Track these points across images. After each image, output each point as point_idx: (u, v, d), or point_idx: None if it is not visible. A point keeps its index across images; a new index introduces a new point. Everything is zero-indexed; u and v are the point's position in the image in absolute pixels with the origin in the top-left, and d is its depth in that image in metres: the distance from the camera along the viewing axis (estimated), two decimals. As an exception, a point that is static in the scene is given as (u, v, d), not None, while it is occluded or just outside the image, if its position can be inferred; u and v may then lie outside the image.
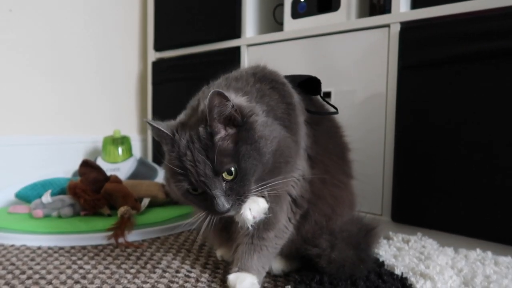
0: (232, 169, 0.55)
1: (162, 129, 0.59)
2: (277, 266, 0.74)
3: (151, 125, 0.60)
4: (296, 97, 0.69)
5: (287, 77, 0.73)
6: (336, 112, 0.78)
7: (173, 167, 0.58)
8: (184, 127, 0.59)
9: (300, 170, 0.68)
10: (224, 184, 0.56)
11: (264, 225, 0.67)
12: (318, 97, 0.81)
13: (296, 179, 0.68)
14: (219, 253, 0.81)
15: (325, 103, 0.82)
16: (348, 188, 0.78)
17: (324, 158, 0.73)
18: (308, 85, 0.77)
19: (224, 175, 0.56)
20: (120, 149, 1.53)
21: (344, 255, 0.69)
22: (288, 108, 0.65)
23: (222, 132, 0.57)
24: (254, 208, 0.60)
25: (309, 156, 0.70)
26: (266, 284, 0.71)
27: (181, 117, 0.64)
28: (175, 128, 0.60)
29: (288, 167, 0.62)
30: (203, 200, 0.58)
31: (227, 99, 0.55)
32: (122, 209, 1.00)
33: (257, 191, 0.59)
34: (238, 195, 0.57)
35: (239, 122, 0.57)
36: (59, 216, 1.05)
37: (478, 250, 0.87)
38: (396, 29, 1.02)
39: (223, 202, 0.55)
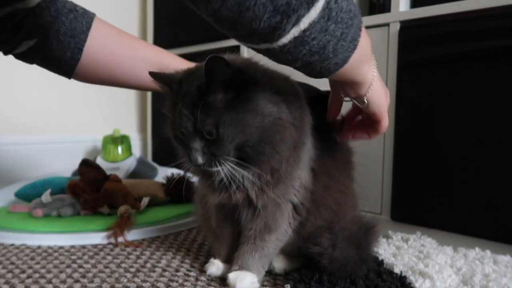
0: (212, 131, 0.58)
1: (162, 83, 0.65)
2: (279, 265, 0.74)
3: (155, 76, 0.65)
4: (307, 111, 0.68)
5: (300, 84, 0.71)
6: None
7: (166, 111, 0.63)
8: (188, 78, 0.61)
9: (302, 180, 0.68)
10: (202, 142, 0.59)
11: (266, 228, 0.68)
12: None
13: (298, 187, 0.68)
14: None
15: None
16: (352, 191, 0.78)
17: (331, 166, 0.73)
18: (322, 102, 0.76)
19: (205, 133, 0.58)
20: (119, 148, 1.53)
21: (346, 255, 0.69)
22: (300, 108, 0.65)
23: (213, 95, 0.58)
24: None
25: (313, 168, 0.70)
26: (265, 283, 0.71)
27: (192, 66, 0.67)
28: (179, 77, 0.63)
29: (274, 156, 0.60)
30: (185, 148, 0.62)
31: (227, 64, 0.56)
32: (121, 208, 1.00)
33: (232, 160, 0.60)
34: (214, 155, 0.59)
35: (236, 87, 0.58)
36: (59, 216, 1.05)
37: (477, 249, 0.87)
38: (395, 28, 1.02)
39: (197, 156, 0.59)
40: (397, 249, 0.89)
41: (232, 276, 0.66)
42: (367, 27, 1.08)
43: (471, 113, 0.90)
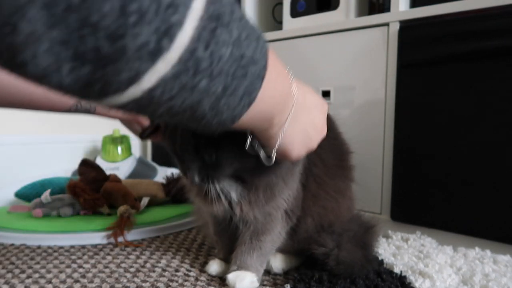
0: (212, 156, 0.56)
1: None
2: (278, 264, 0.74)
3: None
4: None
5: None
6: None
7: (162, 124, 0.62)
8: None
9: (293, 191, 0.68)
10: (200, 163, 0.57)
11: (262, 229, 0.68)
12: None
13: (288, 197, 0.68)
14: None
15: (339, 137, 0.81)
16: (347, 194, 0.78)
17: (322, 174, 0.73)
18: None
19: (205, 157, 0.57)
20: (119, 148, 1.53)
21: (353, 256, 0.70)
22: None
23: None
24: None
25: (302, 182, 0.71)
26: (265, 282, 0.71)
27: None
28: None
29: (271, 176, 0.61)
30: (181, 162, 0.60)
31: None
32: (121, 208, 1.00)
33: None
34: (209, 175, 0.58)
35: None
36: (59, 216, 1.05)
37: (477, 248, 0.87)
38: (395, 27, 1.02)
39: (194, 176, 0.58)
40: (397, 249, 0.89)
41: (231, 276, 0.66)
42: (367, 27, 1.08)
43: (471, 112, 0.90)
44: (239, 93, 0.34)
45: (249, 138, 0.50)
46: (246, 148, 0.51)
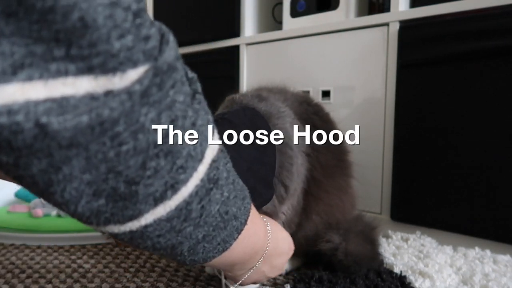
0: None
1: None
2: None
3: None
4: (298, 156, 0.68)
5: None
6: None
7: None
8: None
9: (292, 203, 0.68)
10: None
11: None
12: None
13: (287, 209, 0.68)
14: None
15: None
16: (348, 191, 0.78)
17: (322, 178, 0.72)
18: None
19: None
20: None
21: (362, 249, 0.70)
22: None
23: None
24: None
25: (304, 188, 0.71)
26: (265, 282, 0.71)
27: None
28: None
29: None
30: None
31: None
32: (121, 208, 1.00)
33: None
34: None
35: None
36: (59, 216, 1.05)
37: (477, 248, 0.87)
38: (395, 27, 1.02)
39: None
40: (397, 249, 0.89)
41: (232, 276, 0.66)
42: (367, 27, 1.08)
43: (470, 113, 0.90)
44: (216, 241, 0.41)
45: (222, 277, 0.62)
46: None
